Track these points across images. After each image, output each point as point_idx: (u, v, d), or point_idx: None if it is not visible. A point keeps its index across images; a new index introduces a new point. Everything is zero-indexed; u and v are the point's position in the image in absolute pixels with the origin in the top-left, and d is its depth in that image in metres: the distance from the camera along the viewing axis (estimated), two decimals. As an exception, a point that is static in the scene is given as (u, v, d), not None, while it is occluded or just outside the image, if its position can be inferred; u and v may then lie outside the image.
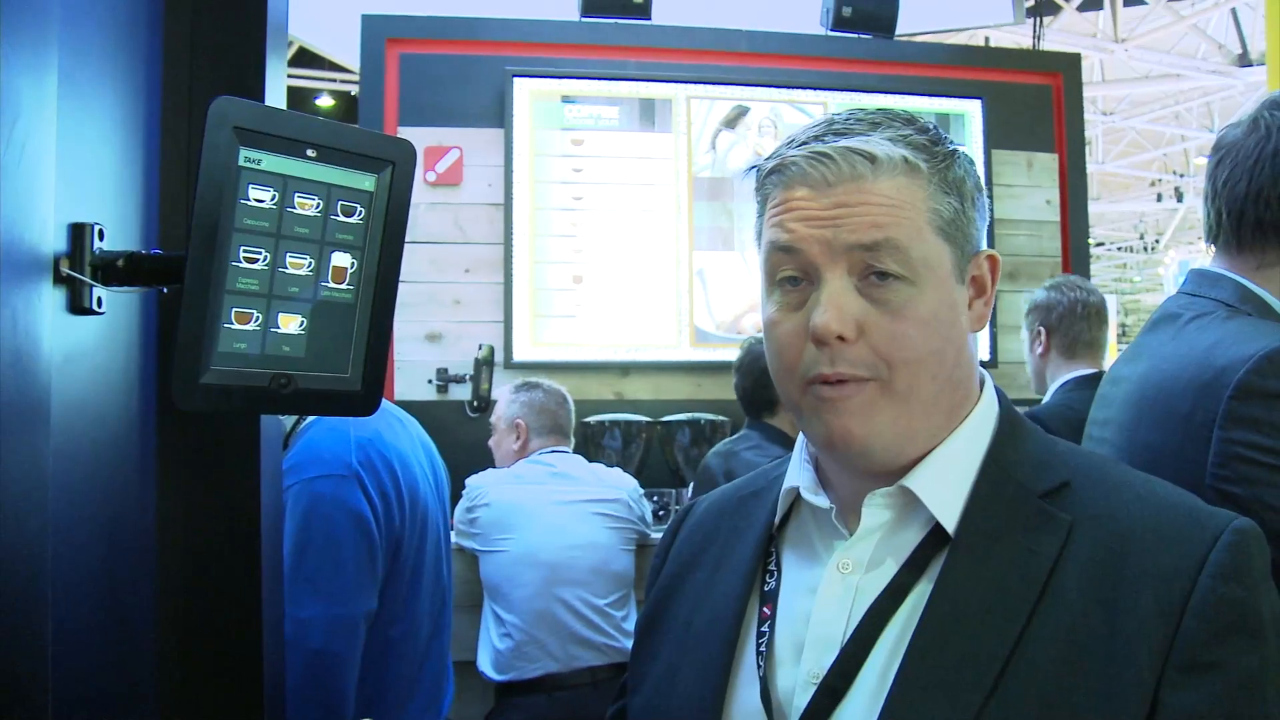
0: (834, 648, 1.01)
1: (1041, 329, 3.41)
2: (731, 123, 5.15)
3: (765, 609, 1.10)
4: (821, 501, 1.10)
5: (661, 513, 4.22)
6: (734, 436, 3.48)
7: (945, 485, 1.04)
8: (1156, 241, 22.61)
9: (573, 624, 3.31)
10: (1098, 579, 0.95)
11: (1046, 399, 3.36)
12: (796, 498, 1.15)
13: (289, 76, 1.49)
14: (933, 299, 1.01)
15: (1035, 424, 1.14)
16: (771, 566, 1.14)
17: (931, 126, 1.08)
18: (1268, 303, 1.46)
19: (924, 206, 1.02)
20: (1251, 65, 12.20)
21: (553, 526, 3.40)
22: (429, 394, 4.81)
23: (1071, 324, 3.36)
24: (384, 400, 2.60)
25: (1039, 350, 3.43)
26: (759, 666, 1.06)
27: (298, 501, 2.22)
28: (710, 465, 3.35)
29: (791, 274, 1.04)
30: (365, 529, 2.28)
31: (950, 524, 1.02)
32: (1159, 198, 19.67)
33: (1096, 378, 3.39)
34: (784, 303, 1.05)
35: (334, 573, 2.20)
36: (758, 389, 3.36)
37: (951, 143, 1.08)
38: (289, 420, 2.34)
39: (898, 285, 1.00)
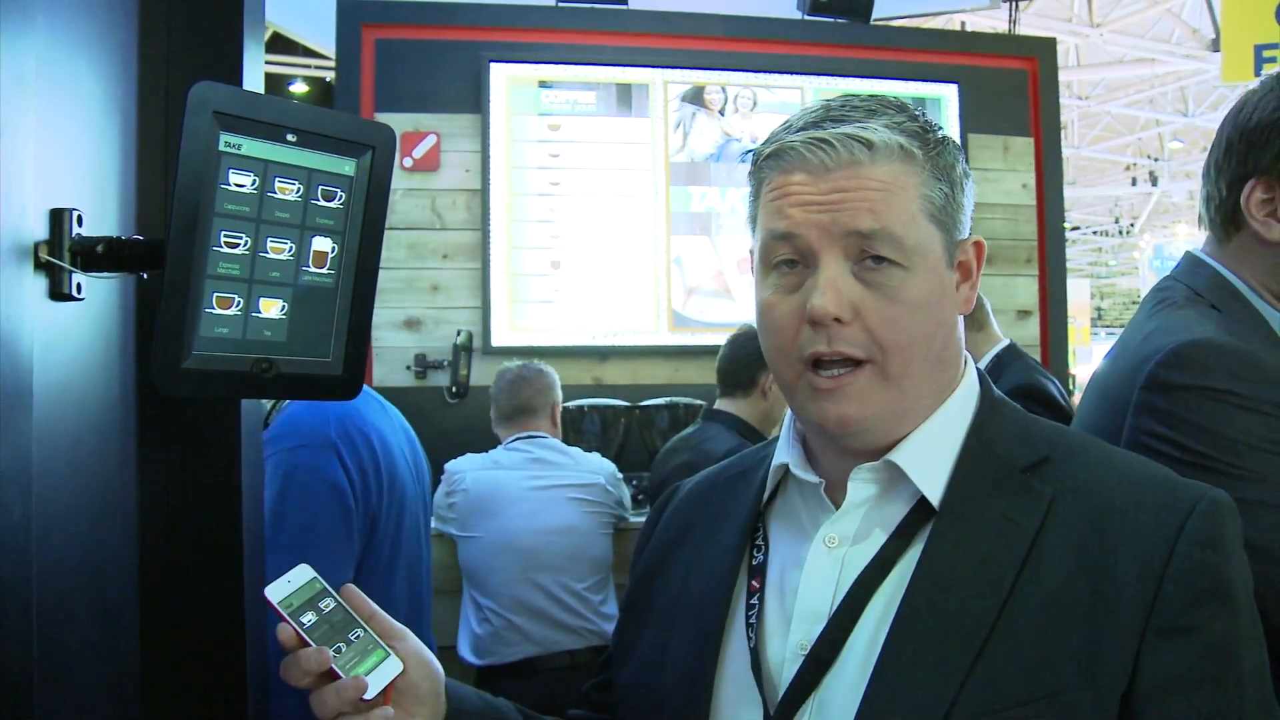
0: (821, 619, 1.04)
1: None
2: (695, 99, 5.15)
3: (754, 582, 1.12)
4: (810, 476, 1.12)
5: (640, 497, 4.22)
6: (689, 431, 3.44)
7: (929, 460, 1.07)
8: (1131, 225, 22.72)
9: (550, 608, 3.32)
10: (1079, 548, 0.99)
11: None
12: (784, 475, 1.18)
13: (264, 63, 1.46)
14: (924, 283, 1.04)
15: (1014, 402, 1.17)
16: (759, 541, 1.16)
17: (922, 114, 1.10)
18: (1238, 291, 1.47)
19: (917, 193, 1.04)
20: (1225, 50, 12.27)
21: (530, 511, 3.40)
22: (407, 380, 4.80)
23: None
24: (365, 384, 2.63)
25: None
26: (749, 638, 1.08)
27: (276, 470, 2.22)
28: (683, 462, 3.22)
29: (788, 257, 1.06)
30: (342, 500, 2.28)
31: (935, 497, 1.05)
32: (1134, 182, 19.78)
33: None
34: (780, 285, 1.07)
35: (310, 541, 2.20)
36: (741, 368, 3.30)
37: (941, 130, 1.10)
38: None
39: (892, 270, 1.02)
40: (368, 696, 1.03)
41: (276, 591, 1.06)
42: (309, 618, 1.06)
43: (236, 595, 1.46)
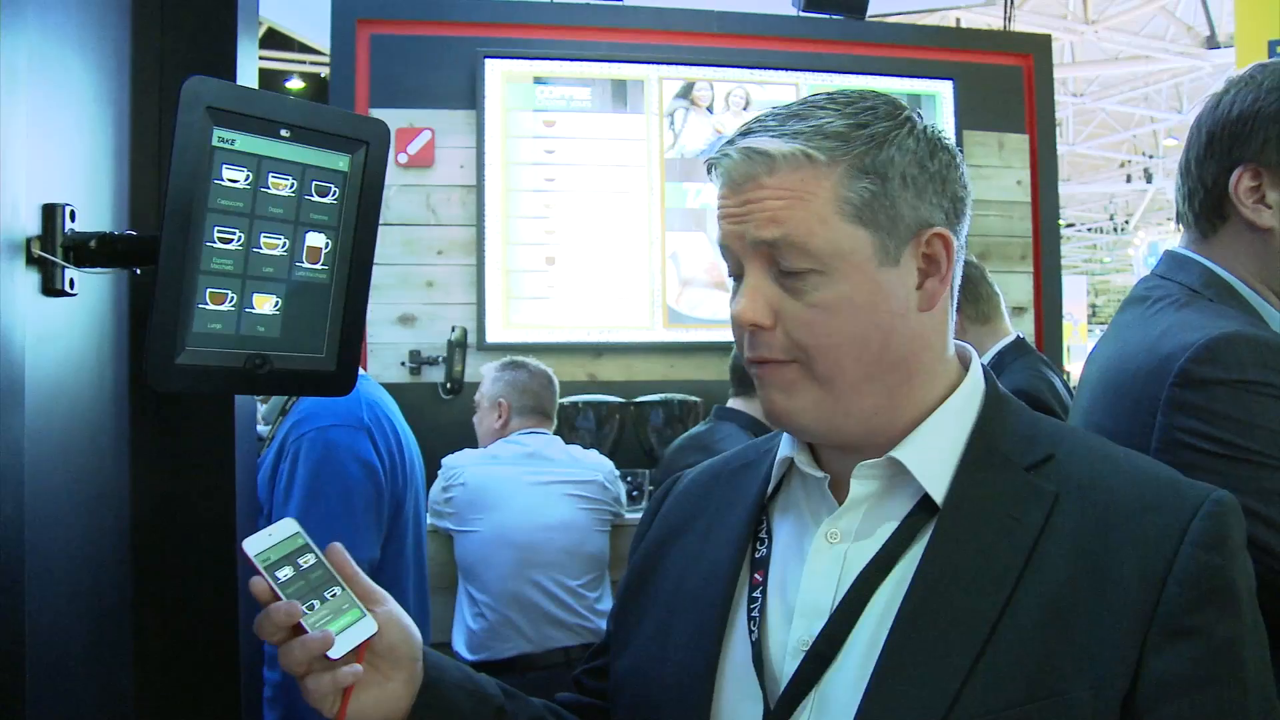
0: (823, 615, 1.04)
1: None
2: (683, 95, 5.14)
3: (756, 575, 1.12)
4: (815, 471, 1.12)
5: (635, 493, 4.22)
6: (701, 429, 3.43)
7: (933, 457, 1.06)
8: (1126, 222, 22.73)
9: (545, 605, 3.32)
10: (1083, 548, 0.99)
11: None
12: (789, 468, 1.18)
13: (258, 59, 1.46)
14: (846, 286, 1.03)
15: (1020, 400, 1.16)
16: (762, 534, 1.16)
17: (871, 106, 1.06)
18: (1231, 285, 1.47)
19: (830, 195, 1.02)
20: (1220, 47, 12.29)
21: (526, 507, 3.40)
22: (402, 376, 4.79)
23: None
24: (376, 382, 2.69)
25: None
26: (751, 632, 1.08)
27: (313, 448, 2.27)
28: (694, 462, 3.17)
29: (730, 268, 1.09)
30: (375, 480, 2.34)
31: (938, 494, 1.04)
32: (1129, 179, 19.78)
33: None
34: (733, 290, 1.09)
35: (344, 517, 2.25)
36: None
37: (888, 123, 1.05)
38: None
39: (809, 275, 1.03)
40: (335, 654, 1.02)
41: (255, 544, 1.05)
42: (285, 572, 1.05)
43: (230, 592, 1.45)
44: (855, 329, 1.03)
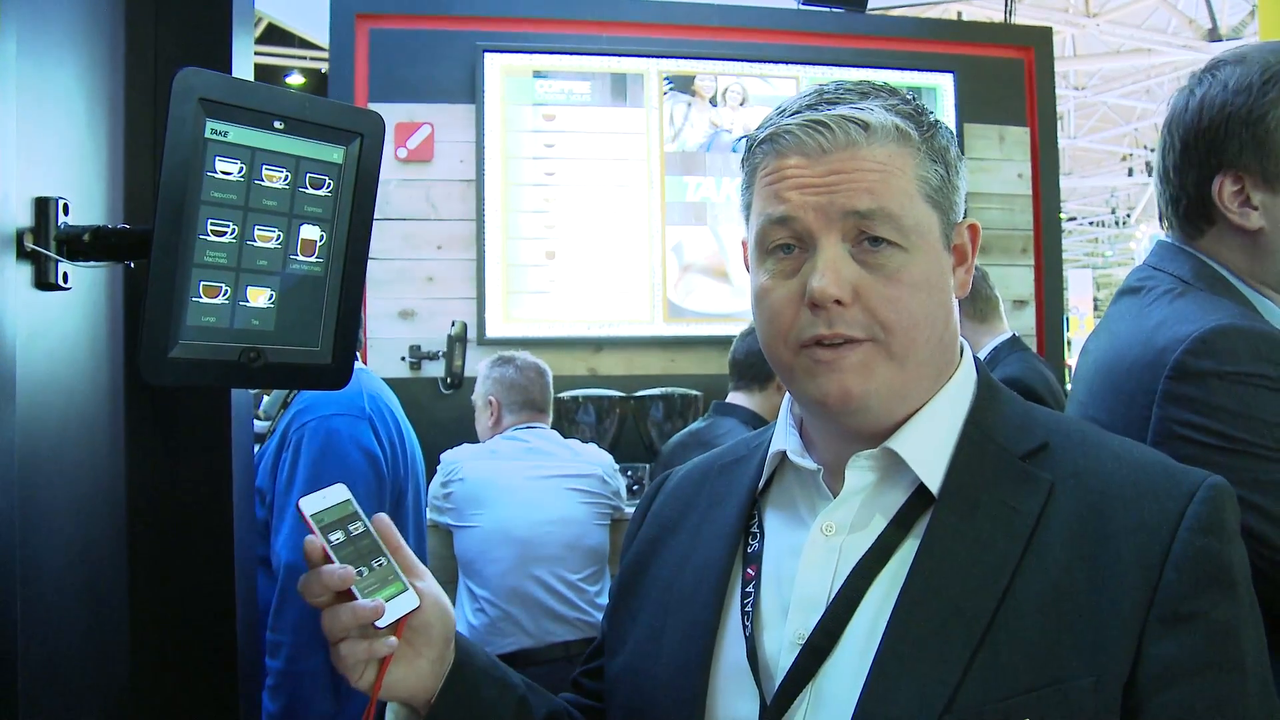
0: (818, 609, 1.03)
1: None
2: (685, 88, 5.13)
3: (749, 570, 1.12)
4: (809, 463, 1.12)
5: (635, 487, 4.22)
6: (700, 425, 3.40)
7: (928, 447, 1.06)
8: (1128, 216, 22.70)
9: (546, 599, 3.31)
10: (1080, 535, 0.99)
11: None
12: (781, 462, 1.17)
13: (258, 54, 1.47)
14: (923, 264, 1.04)
15: (1012, 390, 1.17)
16: (754, 529, 1.16)
17: (912, 98, 1.10)
18: (1224, 277, 1.48)
19: (914, 174, 1.05)
20: (1222, 40, 12.24)
21: (526, 502, 3.40)
22: (402, 371, 4.79)
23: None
24: (375, 376, 2.71)
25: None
26: (745, 627, 1.08)
27: (314, 436, 2.30)
28: (688, 458, 3.12)
29: (785, 241, 1.06)
30: (377, 469, 2.36)
31: (934, 484, 1.05)
32: (1130, 172, 19.74)
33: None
34: (777, 270, 1.07)
35: None
36: (758, 360, 3.18)
37: (932, 113, 1.10)
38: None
39: (891, 251, 1.03)
40: (381, 624, 1.03)
41: (311, 504, 1.06)
42: (337, 536, 1.06)
43: (227, 584, 1.45)
44: (929, 308, 1.05)
